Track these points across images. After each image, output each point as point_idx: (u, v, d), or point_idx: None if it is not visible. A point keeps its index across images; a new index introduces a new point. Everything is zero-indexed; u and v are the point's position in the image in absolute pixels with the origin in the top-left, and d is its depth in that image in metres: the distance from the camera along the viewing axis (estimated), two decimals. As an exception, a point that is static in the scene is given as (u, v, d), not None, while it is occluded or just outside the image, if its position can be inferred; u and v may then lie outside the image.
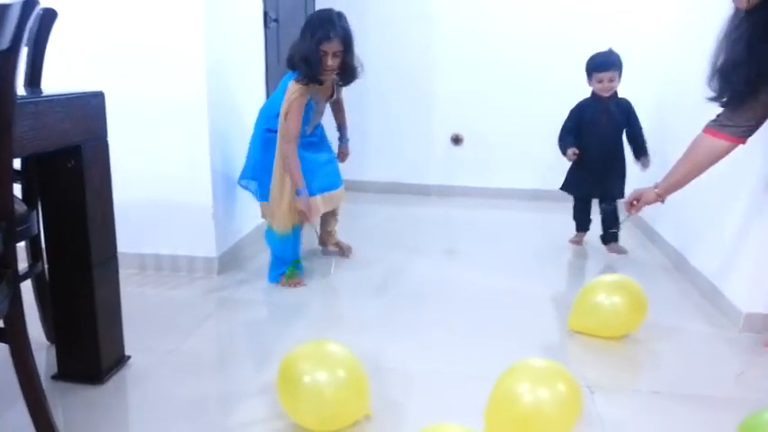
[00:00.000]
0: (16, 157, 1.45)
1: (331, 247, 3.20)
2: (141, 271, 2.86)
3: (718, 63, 1.98)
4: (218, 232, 2.85)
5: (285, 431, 1.68)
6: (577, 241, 3.38)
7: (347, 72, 2.66)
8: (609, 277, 2.38)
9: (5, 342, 1.45)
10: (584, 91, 3.23)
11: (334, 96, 2.88)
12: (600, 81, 3.06)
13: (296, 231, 2.75)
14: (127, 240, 2.77)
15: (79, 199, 1.78)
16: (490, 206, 4.30)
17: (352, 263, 3.08)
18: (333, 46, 2.52)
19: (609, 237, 3.22)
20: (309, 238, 3.16)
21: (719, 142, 2.05)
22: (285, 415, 1.70)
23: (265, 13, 3.34)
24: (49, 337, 2.11)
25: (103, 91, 1.84)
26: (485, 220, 4.07)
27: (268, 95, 3.43)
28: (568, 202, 3.46)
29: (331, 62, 2.55)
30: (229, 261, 2.94)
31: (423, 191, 4.54)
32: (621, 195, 3.06)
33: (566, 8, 4.19)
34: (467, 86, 4.40)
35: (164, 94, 2.66)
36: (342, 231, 3.29)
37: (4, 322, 1.43)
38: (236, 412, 1.78)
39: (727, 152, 2.07)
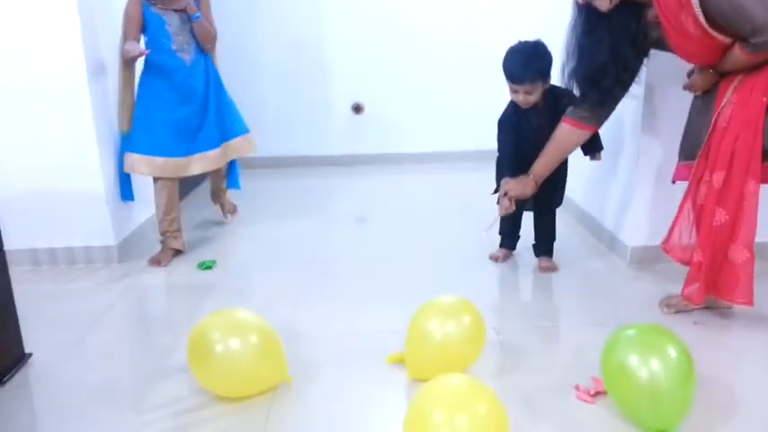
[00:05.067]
0: None
1: (216, 207, 3.22)
2: (35, 267, 2.69)
3: (573, 67, 2.08)
4: (115, 219, 2.73)
5: (207, 405, 1.66)
6: (499, 257, 2.64)
7: None
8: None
9: None
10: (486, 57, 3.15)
11: (189, 11, 2.58)
12: (515, 92, 2.32)
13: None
14: (16, 236, 2.63)
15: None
16: (394, 172, 4.35)
17: (259, 236, 3.05)
18: None
19: (543, 249, 2.60)
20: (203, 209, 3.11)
21: (580, 131, 2.21)
22: (204, 389, 1.68)
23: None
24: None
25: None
26: (389, 185, 4.11)
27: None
28: (473, 162, 3.53)
29: None
30: (130, 248, 2.82)
31: (325, 162, 4.52)
32: (560, 203, 2.56)
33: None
34: (363, 55, 4.38)
35: (38, 77, 2.50)
36: (245, 208, 3.25)
37: None
38: (152, 394, 1.73)
39: (586, 138, 2.26)
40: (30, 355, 1.92)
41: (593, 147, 2.42)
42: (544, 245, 2.58)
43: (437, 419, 1.25)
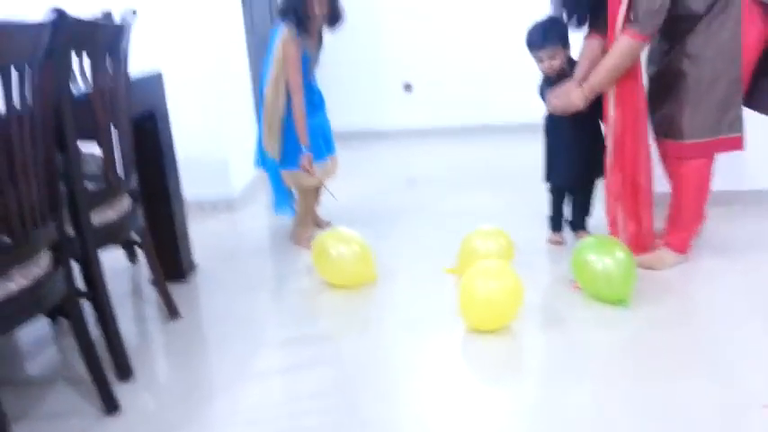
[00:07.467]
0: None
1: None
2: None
3: None
4: (233, 176, 3.64)
5: (324, 291, 2.54)
6: (557, 241, 2.88)
7: (335, 15, 2.74)
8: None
9: (142, 249, 2.26)
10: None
11: (322, 44, 2.87)
12: (540, 61, 2.57)
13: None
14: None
15: (157, 150, 2.54)
16: (443, 143, 5.05)
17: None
18: None
19: (580, 223, 2.87)
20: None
21: (632, 42, 2.22)
22: (323, 281, 2.57)
23: None
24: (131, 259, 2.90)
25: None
26: (438, 156, 4.84)
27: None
28: (520, 134, 4.16)
29: (318, 9, 2.64)
30: (244, 198, 3.75)
31: (377, 136, 5.18)
32: (601, 174, 2.57)
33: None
34: (414, 35, 5.05)
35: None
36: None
37: (141, 237, 2.24)
38: (288, 284, 2.65)
39: (639, 51, 2.28)
40: (197, 264, 2.85)
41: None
42: (581, 219, 2.86)
43: (479, 284, 2.10)
